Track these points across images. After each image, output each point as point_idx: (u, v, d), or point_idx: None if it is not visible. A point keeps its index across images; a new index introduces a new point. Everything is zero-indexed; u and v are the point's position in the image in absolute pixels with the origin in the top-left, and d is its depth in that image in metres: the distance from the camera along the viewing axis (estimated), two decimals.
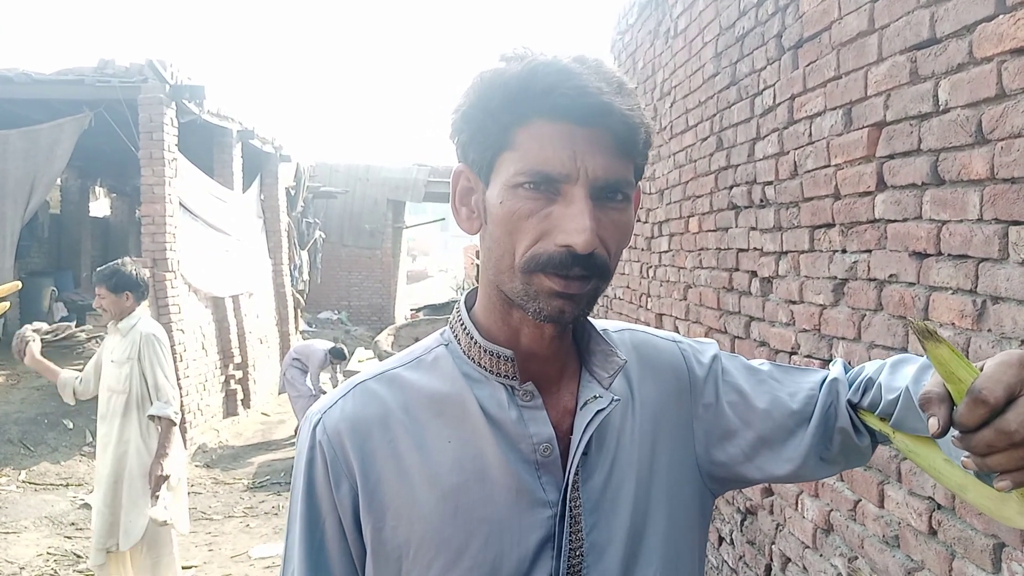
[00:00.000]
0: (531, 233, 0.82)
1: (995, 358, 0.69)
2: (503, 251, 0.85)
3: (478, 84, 0.85)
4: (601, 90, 0.81)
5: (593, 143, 0.81)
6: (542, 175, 0.81)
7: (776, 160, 2.86)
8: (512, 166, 0.83)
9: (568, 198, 0.81)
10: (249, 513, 6.44)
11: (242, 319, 10.08)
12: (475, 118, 0.85)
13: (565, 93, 0.80)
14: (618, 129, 0.82)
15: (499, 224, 0.84)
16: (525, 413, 0.90)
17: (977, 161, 1.75)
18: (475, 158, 0.87)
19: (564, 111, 0.81)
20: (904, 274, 2.06)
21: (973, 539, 1.79)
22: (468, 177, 0.90)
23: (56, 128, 7.93)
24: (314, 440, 0.91)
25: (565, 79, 0.80)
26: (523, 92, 0.82)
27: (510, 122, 0.83)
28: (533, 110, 0.82)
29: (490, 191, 0.86)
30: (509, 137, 0.83)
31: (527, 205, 0.82)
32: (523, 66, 0.82)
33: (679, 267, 4.09)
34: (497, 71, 0.84)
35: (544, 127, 0.82)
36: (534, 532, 0.88)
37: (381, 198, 18.55)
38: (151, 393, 3.91)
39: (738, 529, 3.34)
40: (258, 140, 11.02)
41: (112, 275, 3.87)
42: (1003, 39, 1.65)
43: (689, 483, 0.98)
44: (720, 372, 1.01)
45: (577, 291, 0.83)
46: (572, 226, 0.80)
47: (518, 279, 0.84)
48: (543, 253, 0.82)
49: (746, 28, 3.15)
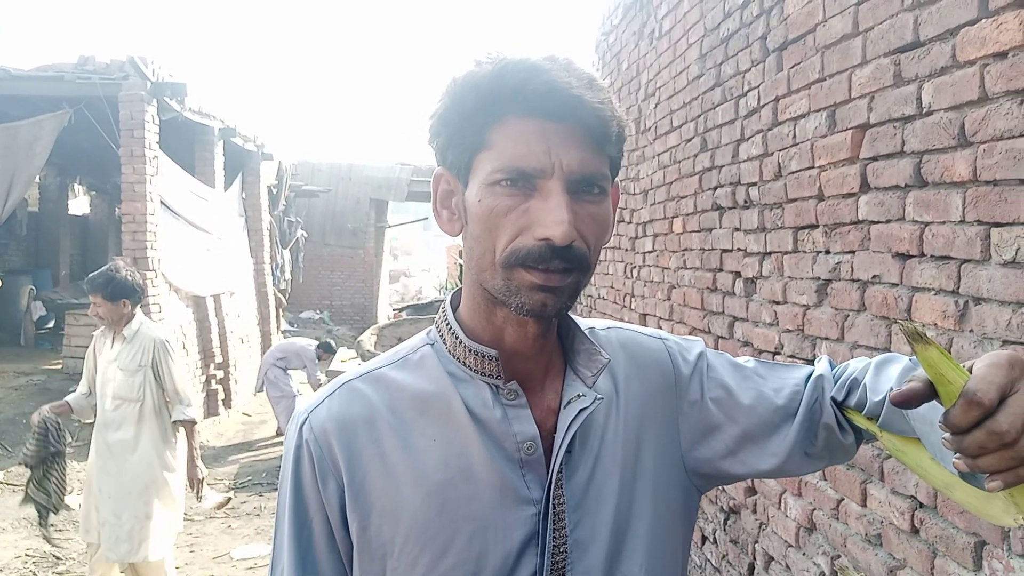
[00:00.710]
0: (510, 229, 0.83)
1: (984, 359, 0.69)
2: (484, 249, 0.86)
3: (452, 88, 0.87)
4: (571, 85, 0.82)
5: (566, 137, 0.83)
6: (518, 171, 0.82)
7: (760, 161, 2.88)
8: (488, 164, 0.84)
9: (545, 192, 0.82)
10: (231, 514, 6.39)
11: (223, 318, 10.02)
12: (451, 121, 0.87)
13: (535, 90, 0.82)
14: (590, 123, 0.83)
15: (478, 222, 0.85)
16: (509, 412, 0.91)
17: (960, 163, 1.77)
18: (453, 160, 0.88)
19: (536, 108, 0.82)
20: (887, 275, 2.07)
21: (955, 537, 1.81)
22: (448, 180, 0.91)
23: (35, 125, 7.84)
24: (301, 439, 0.92)
25: (534, 75, 0.82)
26: (495, 92, 0.83)
27: (484, 122, 0.84)
28: (505, 109, 0.83)
29: (469, 191, 0.87)
30: (484, 137, 0.85)
31: (505, 202, 0.83)
32: (494, 66, 0.84)
33: (663, 267, 4.10)
34: (469, 73, 0.86)
35: (517, 124, 0.83)
36: (518, 529, 0.89)
37: (364, 197, 18.49)
38: (169, 398, 3.93)
39: (721, 528, 3.35)
40: (240, 138, 10.96)
41: (108, 283, 3.78)
42: (985, 43, 1.67)
43: (674, 480, 0.99)
44: (705, 369, 1.02)
45: (558, 284, 0.84)
46: (550, 219, 0.81)
47: (499, 275, 0.85)
48: (523, 248, 0.83)
49: (731, 30, 3.17)
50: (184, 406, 3.94)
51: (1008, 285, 1.62)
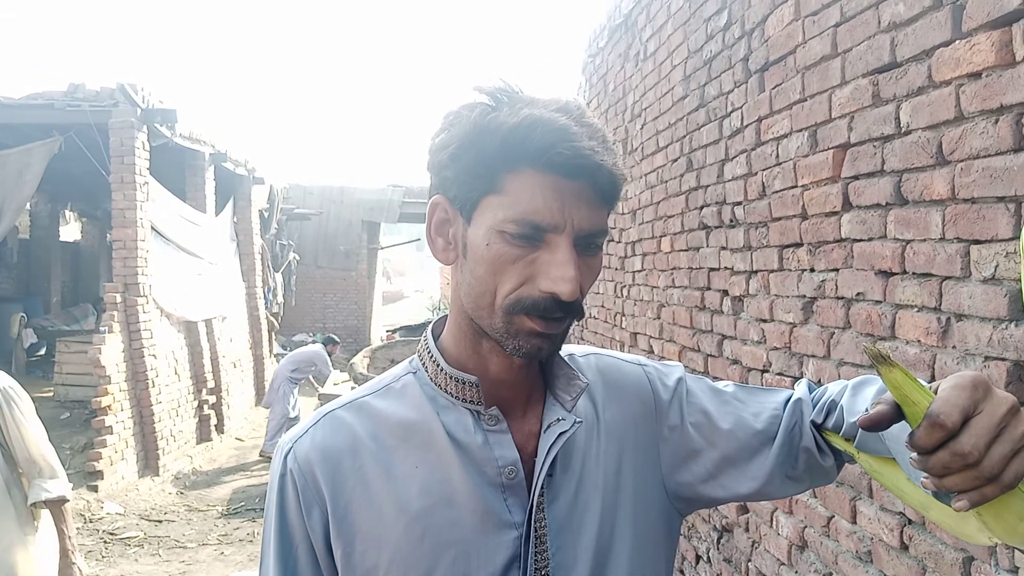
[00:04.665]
0: (516, 277, 0.85)
1: (948, 381, 0.71)
2: (484, 289, 0.87)
3: (469, 128, 0.86)
4: (594, 151, 0.84)
5: (579, 196, 0.85)
6: (532, 224, 0.84)
7: (745, 181, 2.91)
8: (501, 211, 0.85)
9: (553, 246, 0.84)
10: (224, 540, 6.35)
11: (215, 343, 9.99)
12: (464, 159, 0.87)
13: (561, 152, 0.83)
14: (603, 184, 0.86)
15: (483, 264, 0.86)
16: (491, 437, 0.92)
17: (938, 182, 1.79)
18: (458, 195, 0.89)
19: (557, 167, 0.84)
20: (871, 292, 2.09)
21: (943, 553, 1.81)
22: (446, 209, 0.92)
23: (25, 153, 7.85)
24: (285, 468, 0.93)
25: (562, 139, 0.83)
26: (519, 146, 0.84)
27: (500, 168, 0.85)
28: (526, 161, 0.84)
29: (473, 229, 0.88)
30: (498, 181, 0.85)
31: (514, 251, 0.85)
32: (520, 119, 0.84)
33: (652, 286, 4.12)
34: (492, 119, 0.85)
35: (535, 177, 0.84)
36: (500, 553, 0.90)
37: (356, 219, 18.52)
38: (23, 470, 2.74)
39: (715, 547, 3.35)
40: (231, 163, 10.98)
41: None
42: (960, 63, 1.69)
43: (655, 504, 1.00)
44: (685, 394, 1.03)
45: (555, 331, 0.87)
46: (558, 274, 0.83)
47: (499, 317, 0.87)
48: (527, 297, 0.85)
49: (713, 51, 3.20)
50: (46, 479, 2.74)
51: (988, 301, 1.64)
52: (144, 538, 6.41)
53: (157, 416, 8.11)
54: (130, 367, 7.86)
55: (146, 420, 8.02)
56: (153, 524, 6.81)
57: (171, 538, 6.40)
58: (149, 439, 8.06)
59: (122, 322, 7.80)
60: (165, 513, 7.16)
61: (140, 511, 7.10)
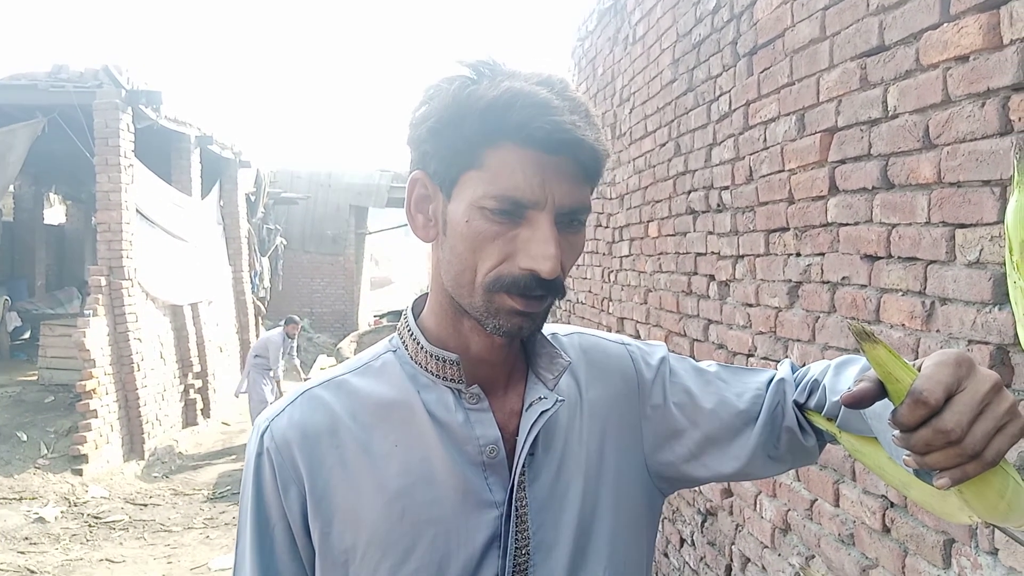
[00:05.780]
0: (496, 254, 0.84)
1: (932, 358, 0.70)
2: (464, 267, 0.86)
3: (448, 101, 0.84)
4: (575, 125, 0.82)
5: (561, 171, 0.83)
6: (512, 201, 0.82)
7: (732, 165, 2.90)
8: (480, 187, 0.83)
9: (534, 223, 0.83)
10: (209, 524, 6.35)
11: (201, 327, 9.95)
12: (442, 133, 0.85)
13: (541, 127, 0.81)
14: (585, 159, 0.84)
15: (463, 240, 0.85)
16: (471, 415, 0.91)
17: (924, 165, 1.79)
18: (437, 170, 0.87)
19: (537, 142, 0.82)
20: (856, 276, 2.09)
21: (924, 536, 1.82)
22: (426, 185, 0.90)
23: (8, 134, 7.77)
24: (262, 447, 0.91)
25: (542, 112, 0.81)
26: (498, 120, 0.82)
27: (480, 143, 0.83)
28: (506, 136, 0.82)
29: (453, 206, 0.86)
30: (478, 157, 0.83)
31: (494, 228, 0.83)
32: (500, 92, 0.82)
33: (639, 271, 4.12)
34: (471, 92, 0.83)
35: (515, 152, 0.82)
36: (480, 532, 0.89)
37: (343, 204, 18.44)
38: None
39: (699, 530, 3.37)
40: (217, 146, 10.90)
41: None
42: (947, 46, 1.69)
43: (637, 483, 0.99)
44: (668, 373, 1.03)
45: (535, 309, 0.86)
46: (538, 251, 0.82)
47: (479, 295, 0.85)
48: (507, 275, 0.83)
49: (702, 35, 3.19)
50: None
51: (972, 285, 1.64)
52: (129, 522, 6.39)
53: (142, 400, 8.08)
54: (115, 351, 7.82)
55: (131, 404, 7.99)
56: (138, 508, 6.79)
57: (156, 522, 6.39)
58: (134, 423, 8.03)
59: (107, 305, 7.75)
60: (150, 497, 7.15)
61: (125, 495, 7.08)
